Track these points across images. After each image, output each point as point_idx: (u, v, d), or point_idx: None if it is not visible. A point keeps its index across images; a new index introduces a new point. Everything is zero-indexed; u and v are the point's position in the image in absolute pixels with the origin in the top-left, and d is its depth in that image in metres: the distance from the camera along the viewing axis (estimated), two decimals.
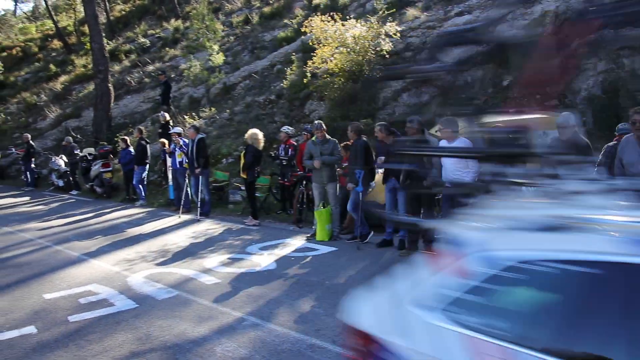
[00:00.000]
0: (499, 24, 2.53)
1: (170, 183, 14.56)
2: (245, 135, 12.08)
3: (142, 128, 16.94)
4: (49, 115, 26.90)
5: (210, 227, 11.80)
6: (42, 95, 29.58)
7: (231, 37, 25.06)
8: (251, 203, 12.01)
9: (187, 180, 13.39)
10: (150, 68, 26.20)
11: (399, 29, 15.11)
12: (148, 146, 15.76)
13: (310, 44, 15.85)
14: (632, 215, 1.98)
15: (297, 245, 9.70)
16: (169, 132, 15.46)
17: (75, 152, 19.05)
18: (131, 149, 15.97)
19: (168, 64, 26.06)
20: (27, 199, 17.95)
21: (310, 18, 15.71)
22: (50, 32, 40.35)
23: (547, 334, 2.02)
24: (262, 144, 12.12)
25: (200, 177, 12.86)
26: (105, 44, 23.51)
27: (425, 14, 17.30)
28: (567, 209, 2.07)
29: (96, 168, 17.48)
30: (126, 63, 28.66)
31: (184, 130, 14.60)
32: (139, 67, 27.08)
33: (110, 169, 17.37)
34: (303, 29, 16.13)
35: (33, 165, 20.51)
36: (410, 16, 17.39)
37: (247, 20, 26.13)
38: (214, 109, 19.32)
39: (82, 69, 30.30)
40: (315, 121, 10.75)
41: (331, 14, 15.34)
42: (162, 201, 15.27)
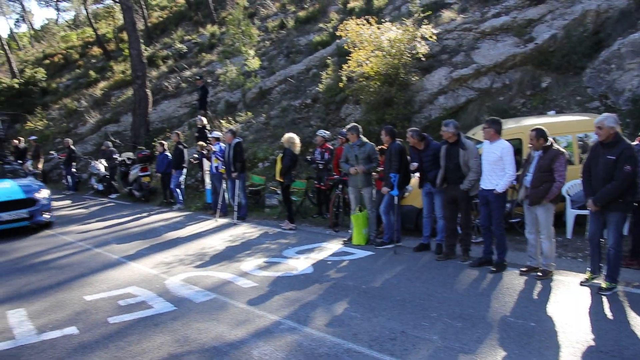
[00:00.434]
0: None
1: (208, 187, 14.68)
2: (282, 139, 12.12)
3: (179, 132, 17.12)
4: (89, 120, 27.44)
5: (246, 231, 11.85)
6: (83, 101, 30.20)
7: (267, 42, 25.20)
8: (287, 207, 12.02)
9: (225, 185, 13.48)
10: (187, 73, 26.49)
11: (435, 32, 14.96)
12: (185, 150, 15.91)
13: (346, 47, 15.80)
14: None
15: (334, 250, 9.66)
16: (207, 136, 15.60)
17: (114, 157, 19.36)
18: (168, 153, 16.14)
19: (204, 69, 26.31)
20: (68, 202, 18.32)
21: (345, 22, 15.66)
22: (91, 40, 41.32)
23: None
24: (299, 148, 12.13)
25: (237, 181, 12.93)
26: (143, 50, 23.86)
27: (462, 15, 17.11)
28: None
29: (135, 172, 17.73)
30: (163, 68, 29.06)
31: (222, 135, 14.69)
32: (176, 73, 27.42)
33: (148, 173, 17.59)
34: (338, 33, 16.07)
35: (74, 170, 20.92)
36: (446, 18, 17.23)
37: (283, 24, 26.24)
38: (250, 113, 19.44)
39: (121, 75, 30.87)
40: (350, 124, 10.65)
41: (366, 17, 15.28)
42: (199, 205, 15.41)
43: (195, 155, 15.93)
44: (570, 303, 6.32)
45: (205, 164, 14.91)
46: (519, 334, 5.47)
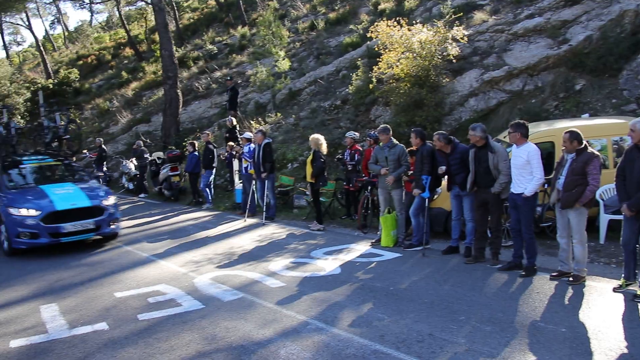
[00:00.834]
0: None
1: (238, 187, 14.75)
2: (309, 141, 12.14)
3: (209, 133, 17.22)
4: (121, 120, 27.87)
5: (275, 231, 11.88)
6: (115, 101, 30.68)
7: (297, 43, 25.27)
8: (316, 208, 12.03)
9: (254, 185, 13.54)
10: (218, 74, 26.71)
11: (466, 33, 14.82)
12: (215, 150, 16.02)
13: (376, 49, 15.75)
14: None
15: (362, 251, 9.63)
16: (237, 137, 15.68)
17: (145, 156, 19.59)
18: (197, 153, 16.26)
19: (235, 70, 26.50)
20: None
21: (376, 23, 15.61)
22: (123, 41, 41.98)
23: None
24: (326, 149, 12.14)
25: (266, 182, 12.98)
26: (174, 51, 24.13)
27: (494, 17, 16.92)
28: None
29: (165, 172, 17.92)
30: (194, 69, 29.36)
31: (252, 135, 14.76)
32: (207, 74, 27.67)
33: (178, 172, 17.75)
34: (369, 35, 16.03)
35: (105, 169, 21.22)
36: (477, 20, 17.06)
37: (313, 26, 26.30)
38: (279, 114, 19.50)
39: (152, 76, 31.28)
40: (381, 126, 10.59)
41: (397, 19, 15.21)
42: (228, 205, 15.51)
43: (225, 153, 16.02)
44: (603, 309, 6.18)
45: (235, 164, 14.99)
46: (549, 339, 5.37)
